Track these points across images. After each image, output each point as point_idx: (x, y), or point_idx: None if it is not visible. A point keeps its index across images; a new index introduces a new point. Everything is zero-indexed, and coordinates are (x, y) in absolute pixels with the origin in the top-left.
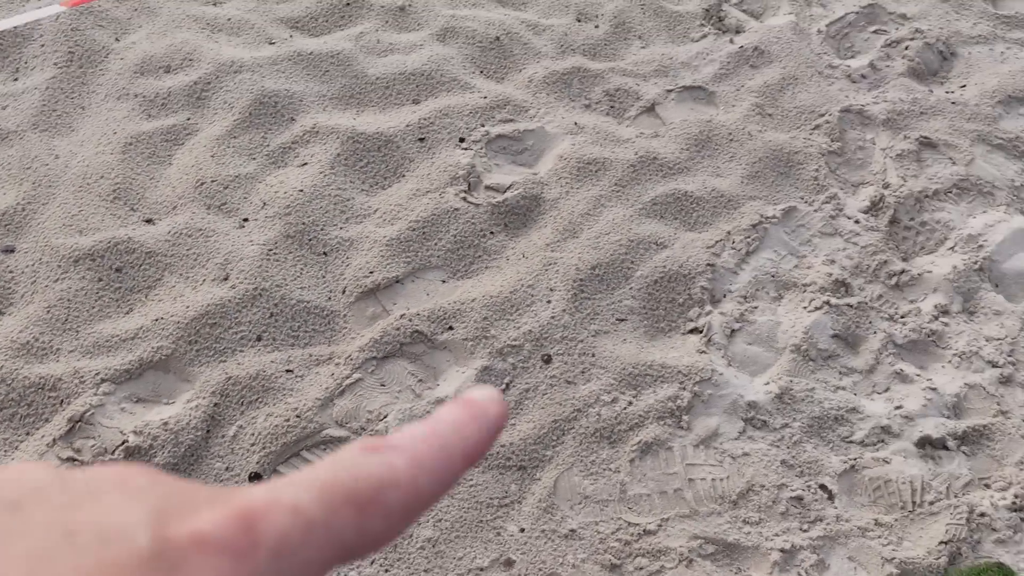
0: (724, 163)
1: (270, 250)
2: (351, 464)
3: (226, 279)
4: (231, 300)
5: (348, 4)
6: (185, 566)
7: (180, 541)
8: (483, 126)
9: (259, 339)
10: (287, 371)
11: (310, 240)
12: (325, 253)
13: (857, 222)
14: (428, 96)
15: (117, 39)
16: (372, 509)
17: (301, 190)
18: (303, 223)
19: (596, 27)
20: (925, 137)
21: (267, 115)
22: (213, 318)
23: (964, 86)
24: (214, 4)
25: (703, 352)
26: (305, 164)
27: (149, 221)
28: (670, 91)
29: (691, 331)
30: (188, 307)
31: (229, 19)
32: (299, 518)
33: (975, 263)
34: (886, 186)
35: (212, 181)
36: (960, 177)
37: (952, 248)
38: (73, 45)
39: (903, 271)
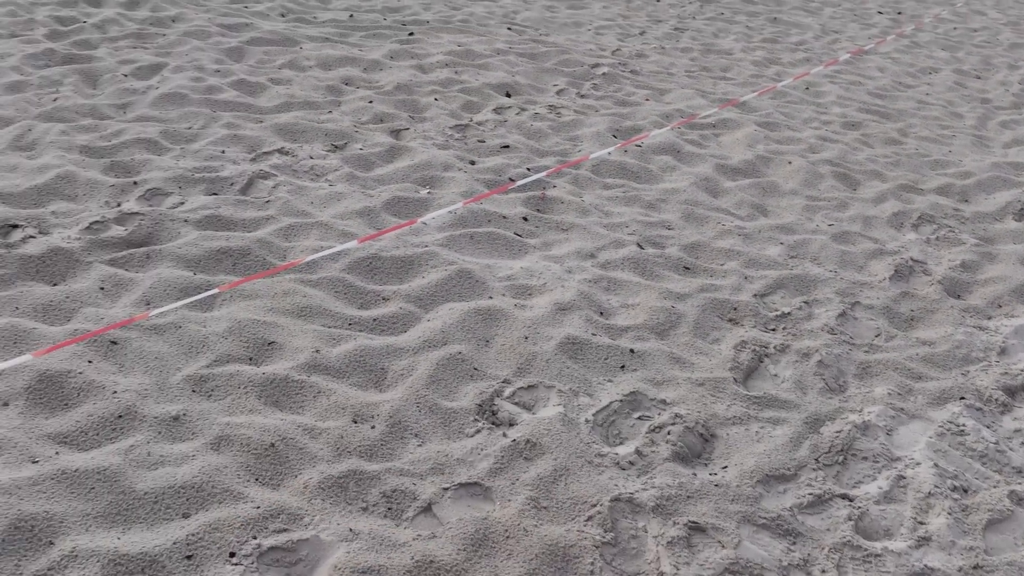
0: (502, 562)
1: None
2: None
3: None
4: None
5: (120, 417)
6: None
7: None
8: (255, 538)
9: None
10: None
11: None
12: None
13: None
14: (199, 509)
15: None
16: None
17: None
18: None
19: (372, 428)
20: (694, 522)
21: (22, 540)
22: None
23: (726, 467)
24: None
25: None
26: None
27: None
28: (447, 489)
29: None
30: None
31: None
32: None
33: None
34: (661, 575)
35: None
36: (730, 560)
37: None
38: None
39: None
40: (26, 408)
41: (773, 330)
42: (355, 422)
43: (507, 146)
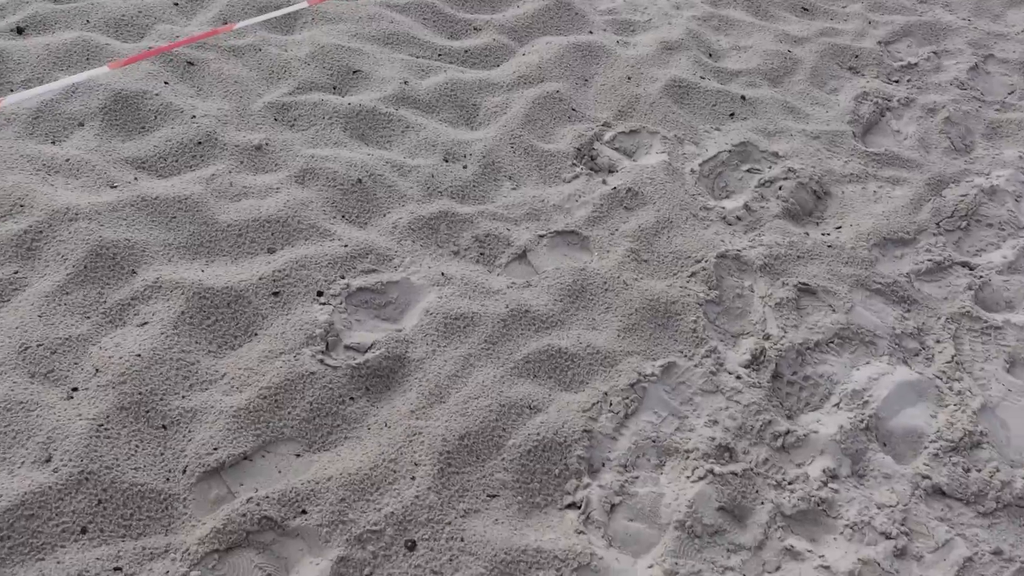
0: (600, 315)
1: (100, 425)
2: None
3: (48, 461)
4: (52, 486)
5: (200, 143)
6: None
7: None
8: (343, 278)
9: (84, 531)
10: (115, 569)
11: (147, 412)
12: (164, 426)
13: (739, 378)
14: (284, 244)
15: None
16: None
17: (139, 354)
18: (140, 392)
19: (464, 168)
20: (804, 283)
21: (104, 268)
22: (30, 508)
23: (839, 228)
24: (53, 143)
25: (581, 532)
26: (145, 323)
27: None
28: (542, 236)
29: (568, 506)
30: (1, 496)
31: (68, 160)
32: None
33: (861, 421)
34: (767, 337)
35: (38, 345)
36: (841, 326)
37: (837, 405)
38: None
39: (788, 431)
40: (102, 130)
41: (897, 82)
42: (446, 161)
43: None
